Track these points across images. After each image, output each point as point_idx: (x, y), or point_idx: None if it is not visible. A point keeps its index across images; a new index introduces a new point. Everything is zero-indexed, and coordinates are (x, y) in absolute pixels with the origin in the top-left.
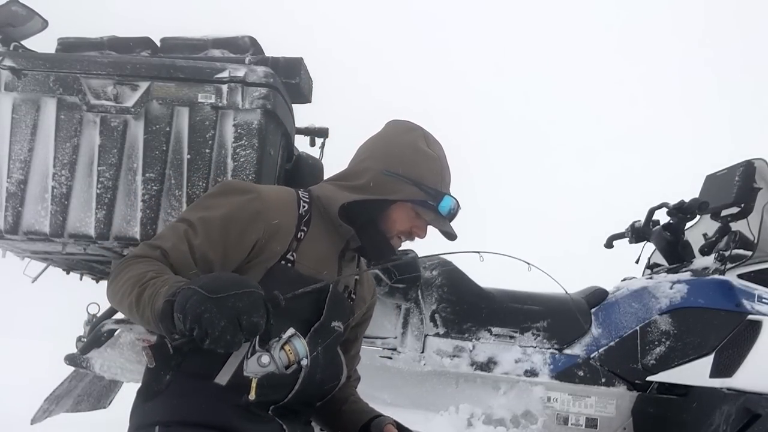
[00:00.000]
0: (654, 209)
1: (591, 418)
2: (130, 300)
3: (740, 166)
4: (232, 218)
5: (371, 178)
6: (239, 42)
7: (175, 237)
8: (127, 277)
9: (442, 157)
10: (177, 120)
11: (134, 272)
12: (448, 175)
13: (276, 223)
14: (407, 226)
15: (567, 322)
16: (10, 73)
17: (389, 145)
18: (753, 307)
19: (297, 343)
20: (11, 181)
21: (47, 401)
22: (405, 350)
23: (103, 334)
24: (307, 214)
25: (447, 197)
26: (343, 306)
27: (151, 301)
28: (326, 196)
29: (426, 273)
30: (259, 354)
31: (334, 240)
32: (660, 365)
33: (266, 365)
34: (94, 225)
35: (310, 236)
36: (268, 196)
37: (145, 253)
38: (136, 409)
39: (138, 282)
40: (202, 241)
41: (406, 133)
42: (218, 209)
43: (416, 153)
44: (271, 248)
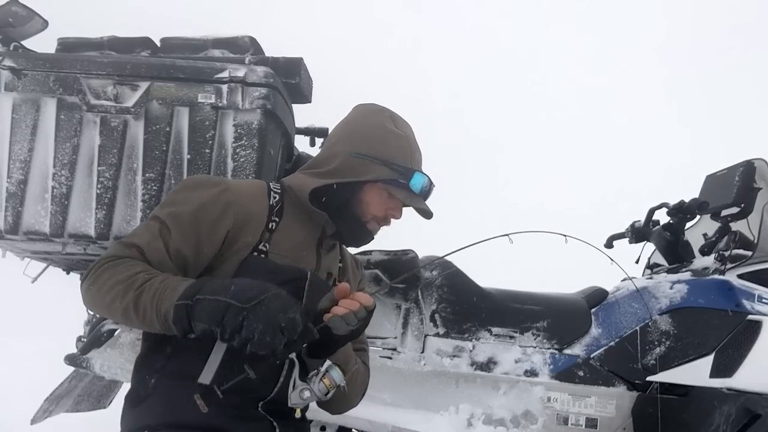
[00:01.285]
0: (654, 209)
1: (591, 418)
2: (126, 304)
3: (740, 166)
4: (202, 212)
5: (340, 162)
6: (239, 42)
7: (148, 234)
8: (114, 281)
9: (411, 135)
10: (177, 120)
11: (121, 275)
12: (418, 153)
13: (246, 214)
14: (381, 208)
15: (567, 322)
16: (10, 73)
17: (356, 127)
18: (753, 307)
19: (334, 373)
20: (11, 181)
21: (47, 401)
22: (405, 350)
23: (103, 334)
24: (279, 204)
25: (417, 174)
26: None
27: (155, 304)
28: (297, 184)
29: (426, 273)
30: (301, 388)
31: (309, 228)
32: (660, 365)
33: (307, 398)
34: (94, 225)
35: (283, 226)
36: (236, 188)
37: (122, 254)
38: (125, 415)
39: (131, 285)
40: (175, 238)
41: (373, 115)
42: (187, 204)
43: (384, 133)
44: (243, 239)
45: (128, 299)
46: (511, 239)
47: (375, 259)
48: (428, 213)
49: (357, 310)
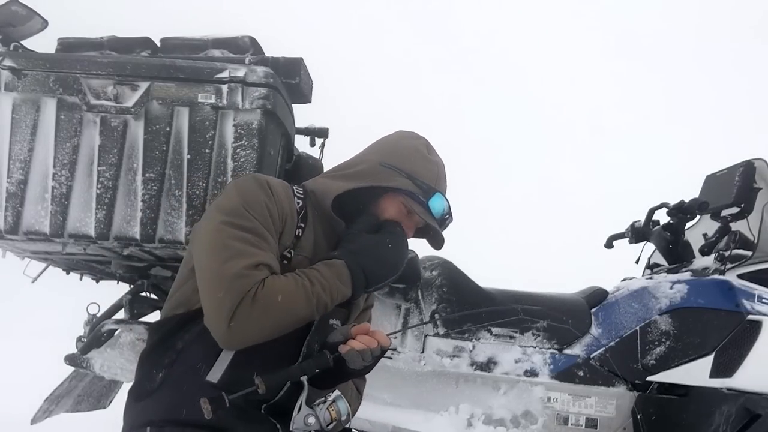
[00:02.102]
0: (654, 209)
1: (591, 418)
2: (308, 310)
3: (740, 166)
4: (271, 215)
5: (367, 167)
6: (239, 42)
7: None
8: (284, 299)
9: (441, 164)
10: (177, 120)
11: (287, 289)
12: (445, 184)
13: (284, 216)
14: (395, 218)
15: (567, 322)
16: (10, 73)
17: (390, 143)
18: (753, 307)
19: (341, 404)
20: (11, 181)
21: (47, 401)
22: (405, 350)
23: (103, 334)
24: (302, 210)
25: (438, 195)
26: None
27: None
28: (320, 190)
29: (426, 273)
30: (306, 414)
31: (328, 235)
32: (660, 365)
33: (310, 425)
34: (94, 225)
35: (307, 232)
36: (277, 186)
37: (257, 278)
38: (128, 409)
39: (303, 286)
40: (268, 247)
41: (410, 138)
42: (260, 208)
43: (416, 153)
44: (282, 241)
45: (315, 299)
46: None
47: None
48: (440, 240)
49: (374, 349)
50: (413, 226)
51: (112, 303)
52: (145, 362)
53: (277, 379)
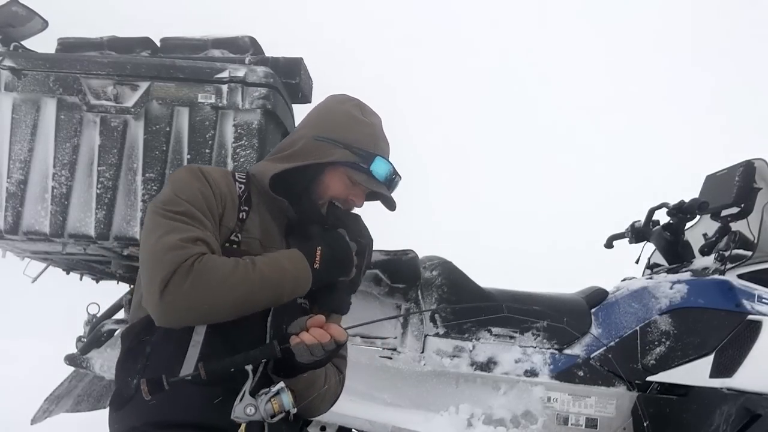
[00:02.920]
0: (654, 209)
1: (591, 418)
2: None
3: (740, 166)
4: (206, 197)
5: (302, 145)
6: (239, 42)
7: (173, 224)
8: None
9: (377, 125)
10: (177, 120)
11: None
12: (385, 143)
13: (224, 197)
14: (342, 192)
15: (567, 322)
16: (10, 73)
17: (322, 113)
18: (753, 307)
19: (284, 397)
20: (11, 181)
21: (47, 401)
22: (405, 350)
23: (103, 334)
24: (245, 193)
25: (379, 159)
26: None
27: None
28: (260, 171)
29: (426, 273)
30: (246, 404)
31: (276, 216)
32: (660, 365)
33: (251, 415)
34: (94, 225)
35: (252, 215)
36: (213, 172)
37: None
38: (111, 419)
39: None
40: (205, 226)
41: (341, 103)
42: (195, 193)
43: (349, 119)
44: (225, 223)
45: (251, 283)
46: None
47: (375, 259)
48: (391, 202)
49: (326, 343)
50: (362, 194)
51: (112, 303)
52: (120, 372)
53: (220, 366)
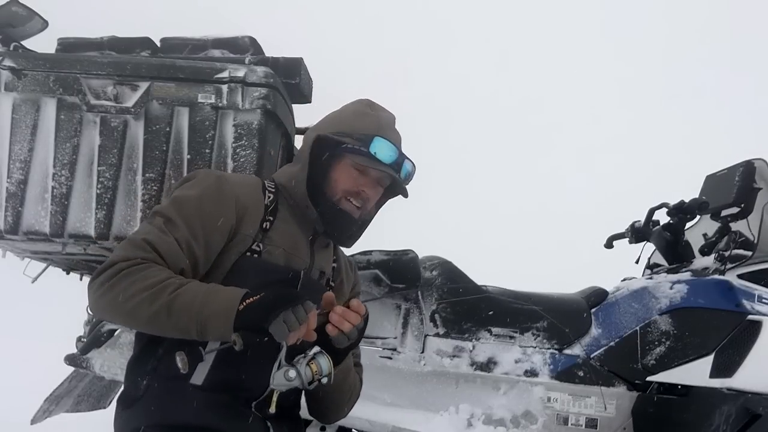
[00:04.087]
0: (654, 209)
1: (591, 418)
2: (155, 309)
3: (740, 166)
4: (205, 204)
5: (308, 146)
6: (239, 42)
7: (156, 230)
8: (139, 287)
9: (385, 117)
10: (177, 120)
11: (147, 281)
12: (391, 133)
13: (243, 206)
14: (351, 184)
15: (567, 322)
16: (10, 73)
17: (333, 115)
18: (753, 307)
19: (322, 360)
20: (11, 181)
21: (47, 401)
22: (405, 350)
23: (103, 334)
24: (273, 203)
25: (378, 138)
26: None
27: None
28: (288, 181)
29: (426, 273)
30: (286, 368)
31: (302, 226)
32: (660, 365)
33: (292, 379)
34: (94, 225)
35: (277, 225)
36: (233, 179)
37: (135, 254)
38: (117, 416)
39: (162, 290)
40: (183, 231)
41: (352, 104)
42: (190, 199)
43: (354, 114)
44: (243, 231)
45: (159, 304)
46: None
47: (375, 259)
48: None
49: (359, 323)
50: (372, 183)
51: None
52: (130, 371)
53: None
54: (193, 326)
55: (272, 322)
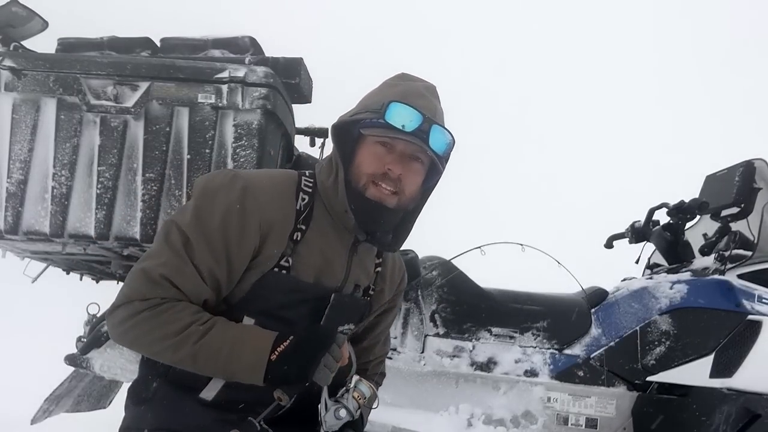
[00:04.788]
0: (654, 209)
1: (591, 418)
2: (181, 357)
3: (740, 167)
4: (228, 224)
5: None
6: (239, 42)
7: (175, 258)
8: (163, 333)
9: (414, 85)
10: (177, 120)
11: (169, 327)
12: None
13: (269, 222)
14: (375, 164)
15: (567, 322)
16: (10, 73)
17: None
18: (753, 307)
19: (362, 387)
20: (11, 181)
21: (47, 401)
22: (405, 350)
23: (103, 334)
24: (308, 207)
25: (393, 103)
26: (353, 309)
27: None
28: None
29: (426, 273)
30: (336, 408)
31: (342, 233)
32: (660, 365)
33: (343, 418)
34: (94, 225)
35: (310, 234)
36: (259, 190)
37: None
38: (127, 408)
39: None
40: (204, 256)
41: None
42: (212, 216)
43: (381, 87)
44: (267, 251)
45: (183, 354)
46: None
47: None
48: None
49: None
50: (396, 160)
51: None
52: (144, 365)
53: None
54: (220, 375)
55: (315, 372)
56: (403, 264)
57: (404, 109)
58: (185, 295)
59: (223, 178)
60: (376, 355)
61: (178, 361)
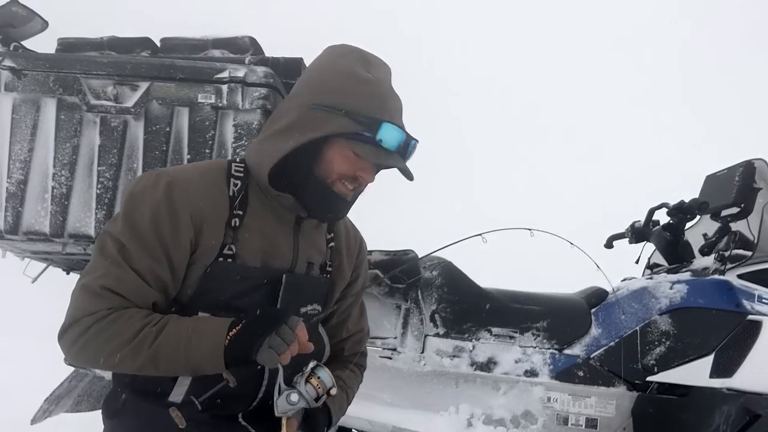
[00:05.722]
0: (654, 209)
1: (591, 418)
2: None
3: (740, 166)
4: (160, 223)
5: (296, 117)
6: (239, 42)
7: (113, 267)
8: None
9: (384, 81)
10: (177, 120)
11: (123, 336)
12: (394, 102)
13: (200, 213)
14: (347, 167)
15: (567, 322)
16: (10, 73)
17: (319, 73)
18: (753, 307)
19: (321, 373)
20: (11, 181)
21: (47, 401)
22: (405, 350)
23: None
24: (241, 191)
25: (386, 124)
26: (312, 288)
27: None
28: (254, 163)
29: (426, 273)
30: (287, 392)
31: (281, 213)
32: (660, 365)
33: (296, 402)
34: (94, 225)
35: (249, 219)
36: (185, 181)
37: (100, 307)
38: (104, 422)
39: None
40: (144, 262)
41: (340, 58)
42: (142, 217)
43: (349, 79)
44: (204, 243)
45: (142, 359)
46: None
47: (375, 259)
48: (407, 173)
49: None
50: (371, 168)
51: None
52: (113, 377)
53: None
54: (184, 372)
55: (258, 351)
56: (357, 232)
57: (394, 131)
58: (131, 301)
59: (147, 180)
60: (350, 331)
61: (140, 367)
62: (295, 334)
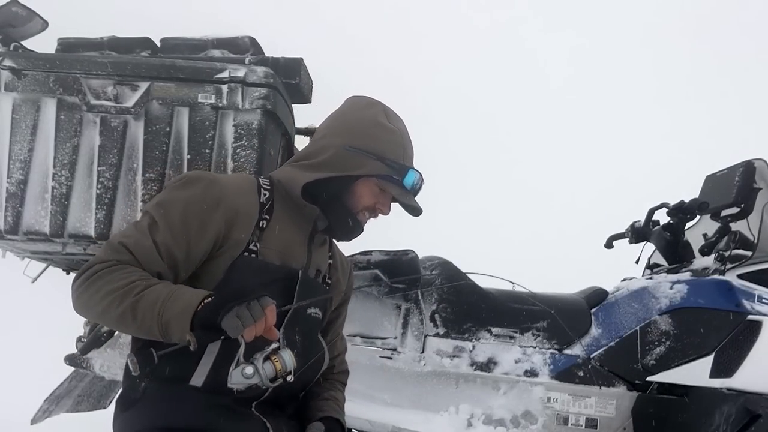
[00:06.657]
0: (654, 209)
1: (591, 418)
2: (122, 310)
3: (740, 167)
4: (191, 209)
5: (333, 155)
6: (239, 42)
7: (138, 233)
8: (109, 288)
9: (404, 131)
10: (177, 120)
11: (117, 282)
12: (411, 149)
13: (235, 210)
14: (372, 201)
15: (567, 322)
16: (10, 73)
17: (349, 120)
18: (753, 307)
19: (285, 355)
20: (11, 181)
21: (47, 401)
22: (405, 350)
23: (103, 334)
24: (269, 201)
25: (411, 171)
26: (318, 292)
27: (158, 310)
28: (287, 178)
29: (426, 273)
30: (243, 365)
31: (300, 224)
32: (660, 365)
33: (250, 377)
34: (94, 225)
35: (273, 223)
36: (225, 183)
37: (111, 257)
38: (116, 419)
39: (129, 292)
40: (164, 235)
41: (366, 108)
42: (177, 202)
43: (376, 127)
44: (234, 236)
45: (125, 306)
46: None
47: (375, 259)
48: (418, 210)
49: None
50: (389, 202)
51: None
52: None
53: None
54: (156, 328)
55: (224, 316)
56: (347, 258)
57: (416, 176)
58: (139, 263)
59: (192, 173)
60: (339, 350)
61: (121, 313)
62: (264, 314)
